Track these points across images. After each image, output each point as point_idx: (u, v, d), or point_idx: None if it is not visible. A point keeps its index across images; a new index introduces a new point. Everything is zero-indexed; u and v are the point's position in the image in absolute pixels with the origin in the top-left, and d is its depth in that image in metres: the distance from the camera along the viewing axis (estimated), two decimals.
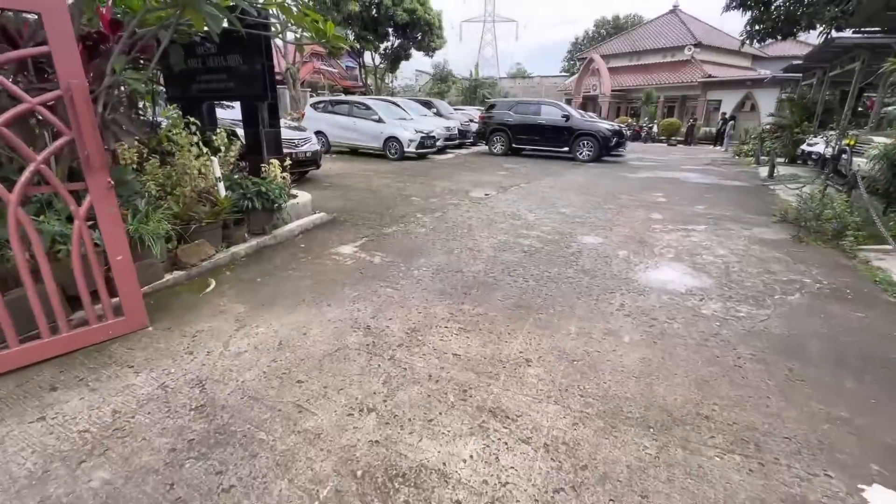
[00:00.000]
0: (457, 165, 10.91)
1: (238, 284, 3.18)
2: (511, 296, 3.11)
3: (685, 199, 7.09)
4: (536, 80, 44.70)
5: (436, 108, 16.12)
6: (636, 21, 44.52)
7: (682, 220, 5.57)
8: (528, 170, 10.41)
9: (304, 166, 7.46)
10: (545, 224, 5.17)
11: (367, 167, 10.07)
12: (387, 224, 4.96)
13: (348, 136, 12.14)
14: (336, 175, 8.65)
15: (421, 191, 7.17)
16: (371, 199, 6.34)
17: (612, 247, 4.34)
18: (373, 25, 26.72)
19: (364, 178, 8.28)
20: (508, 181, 8.53)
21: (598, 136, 12.32)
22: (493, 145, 14.05)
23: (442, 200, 6.42)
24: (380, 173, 9.13)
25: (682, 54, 27.09)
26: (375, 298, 3.01)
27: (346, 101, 12.38)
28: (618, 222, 5.39)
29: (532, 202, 6.48)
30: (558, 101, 13.46)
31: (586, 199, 6.81)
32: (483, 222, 5.16)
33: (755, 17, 9.40)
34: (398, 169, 9.94)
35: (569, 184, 8.41)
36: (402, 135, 11.33)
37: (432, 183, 8.00)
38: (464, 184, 8.01)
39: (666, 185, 8.58)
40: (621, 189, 7.96)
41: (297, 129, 7.76)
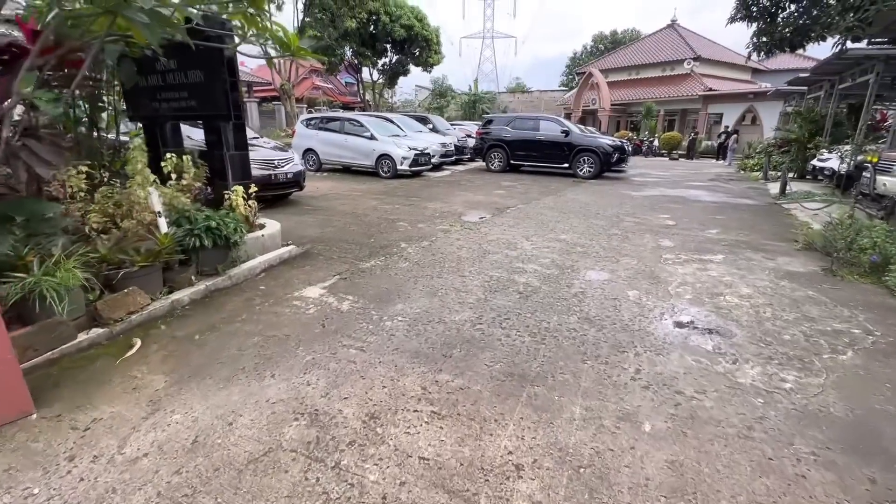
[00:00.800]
0: (452, 184, 10.42)
1: (169, 344, 2.62)
2: (501, 358, 2.54)
3: (695, 222, 6.55)
4: (535, 95, 44.70)
5: (432, 123, 15.75)
6: (634, 36, 44.71)
7: (695, 248, 5.02)
8: (527, 188, 9.91)
9: (285, 189, 6.97)
10: (544, 255, 4.61)
11: (356, 187, 9.59)
12: (365, 257, 4.41)
13: (340, 153, 11.70)
14: (321, 196, 8.15)
15: (410, 214, 6.64)
16: (354, 226, 5.80)
17: (621, 285, 3.78)
18: (371, 41, 26.67)
19: (351, 200, 7.77)
20: (505, 201, 8.01)
21: (600, 151, 11.86)
22: (490, 162, 13.60)
23: (431, 226, 5.88)
24: (369, 194, 8.63)
25: (682, 68, 26.91)
26: (333, 364, 2.44)
27: (338, 117, 11.99)
28: (624, 251, 4.83)
29: (530, 227, 5.95)
30: (557, 116, 13.06)
31: (588, 223, 6.27)
32: (474, 253, 4.61)
33: (761, 28, 8.99)
34: (389, 188, 9.45)
35: (569, 204, 7.88)
36: (395, 152, 10.88)
37: (423, 205, 7.49)
38: (457, 205, 7.49)
39: (672, 205, 8.05)
40: (625, 210, 7.43)
41: (279, 148, 7.28)
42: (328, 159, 11.98)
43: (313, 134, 12.02)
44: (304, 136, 12.20)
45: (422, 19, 27.17)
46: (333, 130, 11.79)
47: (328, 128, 11.92)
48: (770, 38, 8.81)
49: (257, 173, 6.33)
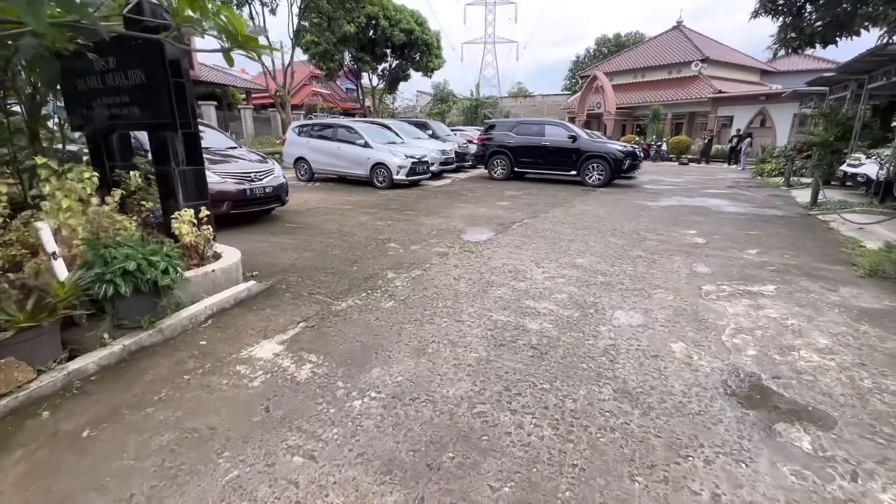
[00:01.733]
0: (452, 194, 9.67)
1: (40, 449, 1.85)
2: (511, 471, 1.75)
3: (728, 239, 5.74)
4: (538, 99, 44.04)
5: (431, 129, 15.04)
6: (638, 39, 44.05)
7: (738, 276, 4.21)
8: (533, 199, 9.14)
9: (263, 204, 6.22)
10: (559, 287, 3.83)
11: (348, 199, 8.84)
12: (343, 293, 3.63)
13: (332, 162, 10.98)
14: (308, 211, 7.40)
15: (403, 233, 5.87)
16: (337, 248, 5.04)
17: (660, 333, 2.99)
18: (370, 46, 26.13)
19: (339, 216, 7.02)
20: (510, 215, 7.23)
21: (610, 158, 11.09)
22: (493, 169, 12.85)
23: (426, 248, 5.11)
24: (361, 207, 7.88)
25: (689, 70, 26.16)
26: (264, 488, 1.66)
27: (330, 124, 11.28)
28: (655, 281, 4.04)
29: (539, 248, 5.16)
30: (563, 121, 12.31)
31: (606, 242, 5.48)
32: (475, 287, 3.83)
33: (787, 23, 8.21)
34: (384, 200, 8.70)
35: (581, 217, 7.10)
36: (391, 161, 10.14)
37: (419, 220, 6.72)
38: (456, 220, 6.72)
39: (696, 218, 7.24)
40: (644, 224, 6.63)
41: (258, 159, 6.55)
42: (320, 169, 11.27)
43: (304, 142, 11.33)
44: (295, 144, 11.51)
45: (422, 23, 26.62)
46: (325, 138, 11.08)
47: (320, 135, 11.21)
48: (798, 34, 8.02)
49: (230, 188, 5.61)
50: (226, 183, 5.66)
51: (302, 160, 11.42)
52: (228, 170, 5.78)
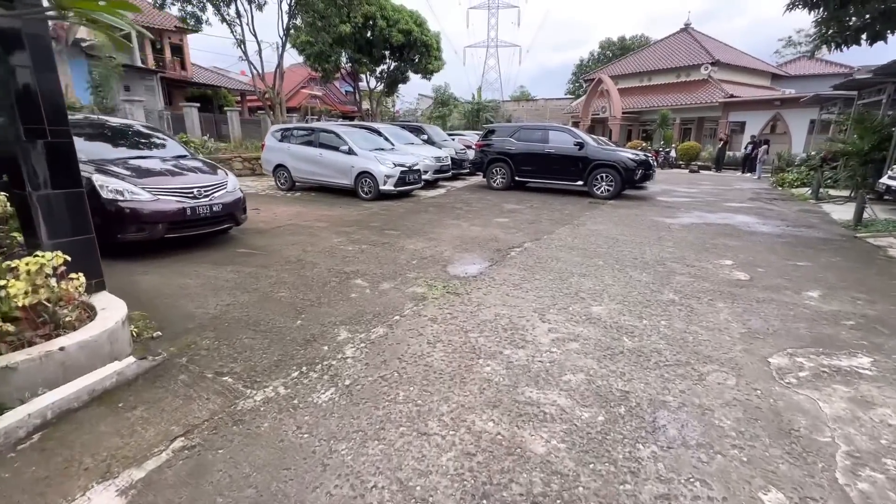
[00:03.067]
0: (444, 208, 8.60)
1: None
2: None
3: (775, 273, 4.66)
4: (541, 103, 43.09)
5: (427, 134, 14.01)
6: (643, 42, 43.11)
7: (811, 338, 3.13)
8: (535, 214, 8.07)
9: (210, 226, 5.16)
10: (572, 359, 2.75)
11: (326, 213, 7.79)
12: (266, 372, 2.56)
13: (313, 170, 9.94)
14: (271, 231, 6.35)
15: (377, 262, 4.81)
16: (286, 289, 3.97)
17: (735, 466, 1.91)
18: (367, 47, 25.18)
19: (307, 237, 5.96)
20: (509, 236, 6.16)
21: (620, 167, 10.02)
22: (492, 178, 11.79)
23: (400, 287, 4.04)
24: (337, 224, 6.82)
25: (699, 73, 25.13)
26: None
27: (312, 128, 10.26)
28: (701, 347, 2.96)
29: (544, 288, 4.08)
30: (567, 126, 11.27)
31: (627, 279, 4.40)
32: (455, 358, 2.76)
33: (825, 17, 7.16)
34: (366, 215, 7.64)
35: (592, 240, 6.02)
36: (377, 169, 9.10)
37: (401, 244, 5.65)
38: (444, 244, 5.65)
39: (727, 241, 6.16)
40: (668, 250, 5.56)
41: (206, 169, 5.50)
42: (301, 177, 10.24)
43: (284, 147, 10.30)
44: (275, 149, 10.49)
45: (421, 24, 25.69)
46: (307, 144, 10.05)
47: (301, 140, 10.18)
48: (841, 28, 6.97)
49: (165, 207, 4.56)
50: (159, 201, 4.61)
51: (281, 167, 10.40)
52: (163, 184, 4.73)
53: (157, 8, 16.45)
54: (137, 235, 4.55)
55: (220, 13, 16.37)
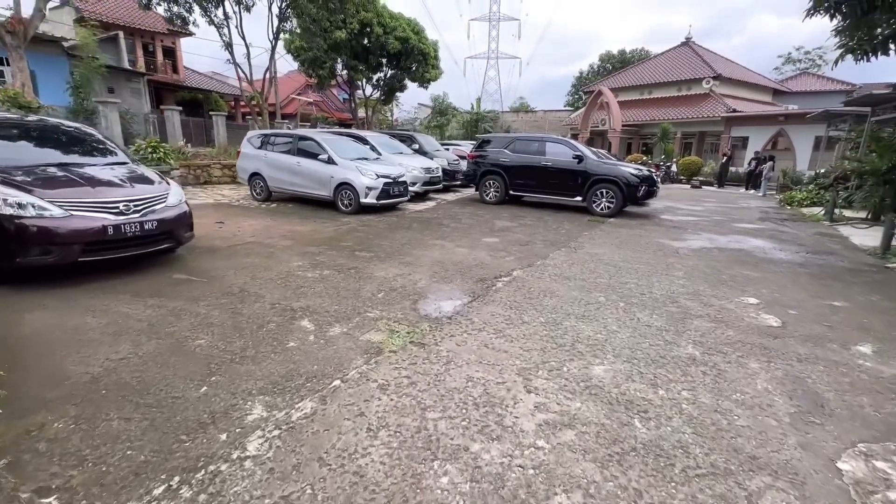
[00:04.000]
0: (430, 224, 7.83)
1: None
2: None
3: (810, 317, 3.90)
4: (540, 115, 42.67)
5: (418, 143, 13.31)
6: (643, 55, 42.93)
7: (883, 425, 2.35)
8: (529, 233, 7.31)
9: (139, 246, 4.35)
10: (567, 465, 1.96)
11: (296, 229, 7.01)
12: (110, 492, 1.76)
13: (291, 180, 9.18)
14: (225, 250, 5.56)
15: (334, 295, 4.02)
16: (208, 334, 3.17)
17: None
18: (364, 54, 24.65)
19: (262, 260, 5.17)
20: (496, 261, 5.39)
21: (622, 183, 9.31)
22: (485, 192, 11.07)
23: (352, 335, 3.25)
24: (304, 243, 6.04)
25: (700, 87, 24.69)
26: None
27: (291, 134, 9.51)
28: (740, 439, 2.17)
29: (532, 335, 3.30)
30: (567, 138, 10.59)
31: (634, 322, 3.62)
32: (401, 460, 1.96)
33: (852, 23, 6.51)
34: (340, 232, 6.86)
35: (592, 267, 5.25)
36: (358, 181, 8.34)
37: (370, 270, 4.87)
38: (421, 271, 4.87)
39: (745, 271, 5.40)
40: (680, 282, 4.79)
41: (143, 180, 4.72)
42: (278, 187, 9.48)
43: (261, 155, 9.56)
44: (251, 157, 9.75)
45: (418, 32, 25.23)
46: (285, 151, 9.31)
47: (279, 148, 9.44)
48: (870, 36, 6.31)
49: (80, 225, 3.78)
50: (72, 217, 3.82)
51: (257, 176, 9.64)
52: (80, 198, 3.95)
53: (142, 8, 15.80)
54: (43, 259, 3.75)
55: (207, 14, 15.77)
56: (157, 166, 9.74)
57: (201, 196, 10.32)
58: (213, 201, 9.64)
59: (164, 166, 9.78)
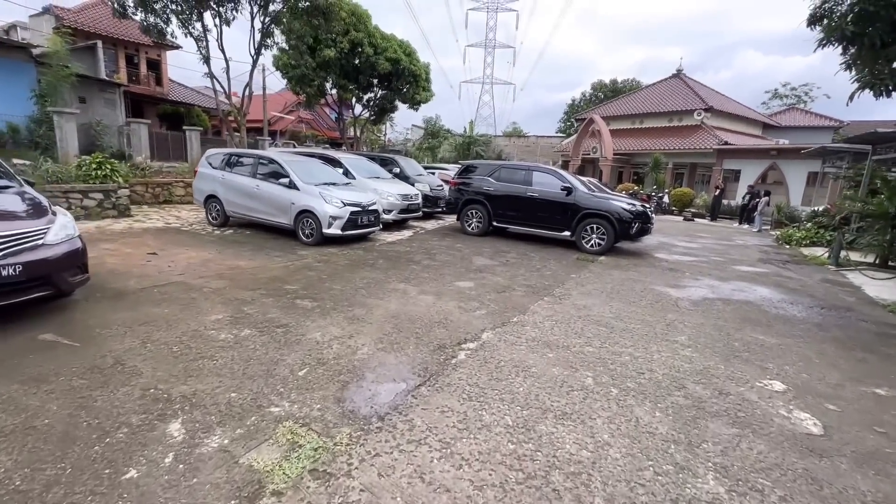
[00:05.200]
0: (399, 261, 6.91)
1: None
2: None
3: (860, 419, 3.01)
4: (532, 140, 42.70)
5: (399, 167, 12.53)
6: (634, 85, 43.45)
7: None
8: (510, 274, 6.42)
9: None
10: None
11: (237, 265, 6.04)
12: None
13: (248, 205, 8.26)
14: (135, 294, 4.56)
15: (237, 375, 3.04)
16: (8, 454, 2.17)
17: None
18: (354, 74, 24.19)
19: (173, 311, 4.18)
20: (465, 317, 4.47)
21: (613, 218, 8.54)
22: (467, 222, 10.23)
23: (231, 453, 2.27)
24: (238, 286, 5.07)
25: (691, 119, 24.56)
26: None
27: (250, 154, 8.62)
28: None
29: (492, 452, 2.35)
30: (555, 168, 9.88)
31: (632, 426, 2.69)
32: None
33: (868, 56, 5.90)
34: (289, 271, 5.91)
35: (579, 328, 4.35)
36: (320, 209, 7.44)
37: (302, 331, 3.91)
38: (367, 334, 3.92)
39: (760, 335, 4.54)
40: (686, 353, 3.90)
41: (15, 213, 3.75)
42: (235, 212, 8.53)
43: (218, 175, 8.65)
44: (208, 177, 8.83)
45: (410, 54, 24.92)
46: (244, 173, 8.42)
47: (238, 168, 8.55)
48: (890, 71, 5.69)
49: None
50: None
51: (213, 199, 8.71)
52: None
53: (117, 17, 15.09)
54: None
55: (185, 27, 15.12)
56: (103, 184, 8.77)
57: (152, 218, 9.32)
58: (162, 225, 8.64)
59: (109, 184, 8.80)
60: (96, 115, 18.55)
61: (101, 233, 7.51)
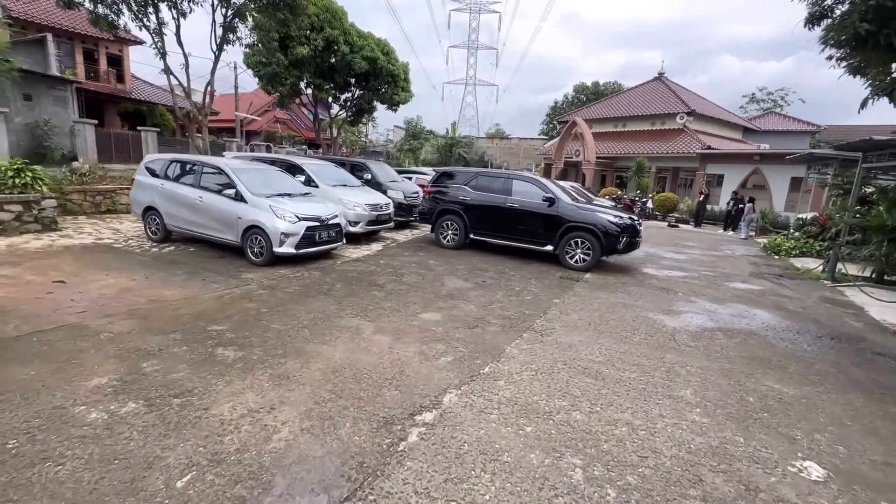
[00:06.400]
0: (358, 286, 6.02)
1: None
2: None
3: None
4: (515, 142, 42.22)
5: (370, 173, 11.62)
6: (616, 88, 43.39)
7: None
8: (485, 300, 5.60)
9: None
10: None
11: (162, 295, 5.07)
12: None
13: (190, 218, 7.25)
14: (6, 343, 3.59)
15: (80, 497, 2.14)
16: None
17: None
18: (330, 73, 23.14)
19: (46, 372, 3.23)
20: (424, 370, 3.63)
21: (599, 232, 7.83)
22: (442, 234, 9.41)
23: None
24: (148, 328, 4.12)
25: (674, 122, 24.28)
26: None
27: (192, 161, 7.59)
28: None
29: None
30: (537, 177, 9.14)
31: None
32: None
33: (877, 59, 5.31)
34: (220, 304, 4.96)
35: (563, 379, 3.56)
36: (270, 224, 6.50)
37: (207, 401, 3.01)
38: (294, 400, 3.04)
39: (777, 385, 3.83)
40: (694, 417, 3.14)
41: None
42: (177, 226, 7.51)
43: (157, 185, 7.61)
44: (146, 187, 7.78)
45: (388, 53, 23.98)
46: (186, 182, 7.41)
47: (178, 177, 7.53)
48: None
49: None
50: None
51: (152, 211, 7.66)
52: None
53: (61, 6, 13.78)
54: None
55: (139, 19, 13.90)
56: (22, 194, 7.63)
57: (84, 232, 8.20)
58: (92, 241, 7.55)
59: (31, 194, 7.67)
60: (44, 114, 17.11)
61: (9, 253, 6.42)
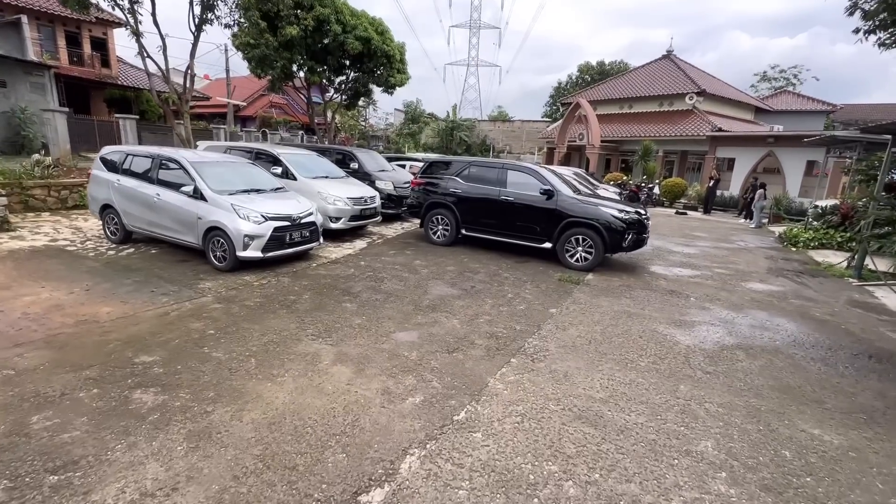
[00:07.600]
0: (328, 296, 5.32)
1: None
2: None
3: None
4: (517, 125, 40.92)
5: (357, 162, 10.81)
6: (622, 68, 41.78)
7: None
8: (471, 313, 4.90)
9: None
10: None
11: (98, 312, 4.39)
12: None
13: (148, 218, 6.55)
14: None
15: None
16: None
17: None
18: (322, 55, 22.08)
19: None
20: (385, 418, 2.95)
21: (603, 228, 7.07)
22: (431, 229, 8.68)
23: None
24: (60, 364, 3.45)
25: (683, 103, 23.10)
26: None
27: (150, 154, 6.81)
28: None
29: None
30: (534, 166, 8.33)
31: None
32: None
33: None
34: (162, 324, 4.28)
35: (555, 431, 2.88)
36: (233, 226, 5.79)
37: (96, 474, 2.34)
38: (212, 471, 2.37)
39: (816, 430, 3.14)
40: (715, 482, 2.46)
41: None
42: (136, 226, 6.82)
43: (113, 180, 6.89)
44: (102, 182, 7.07)
45: (382, 32, 22.82)
46: (143, 177, 6.68)
47: (135, 172, 6.80)
48: None
49: None
50: None
51: (110, 209, 6.97)
52: None
53: None
54: None
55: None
56: None
57: (40, 232, 7.53)
58: (44, 244, 6.88)
59: None
60: (21, 102, 16.34)
61: None
